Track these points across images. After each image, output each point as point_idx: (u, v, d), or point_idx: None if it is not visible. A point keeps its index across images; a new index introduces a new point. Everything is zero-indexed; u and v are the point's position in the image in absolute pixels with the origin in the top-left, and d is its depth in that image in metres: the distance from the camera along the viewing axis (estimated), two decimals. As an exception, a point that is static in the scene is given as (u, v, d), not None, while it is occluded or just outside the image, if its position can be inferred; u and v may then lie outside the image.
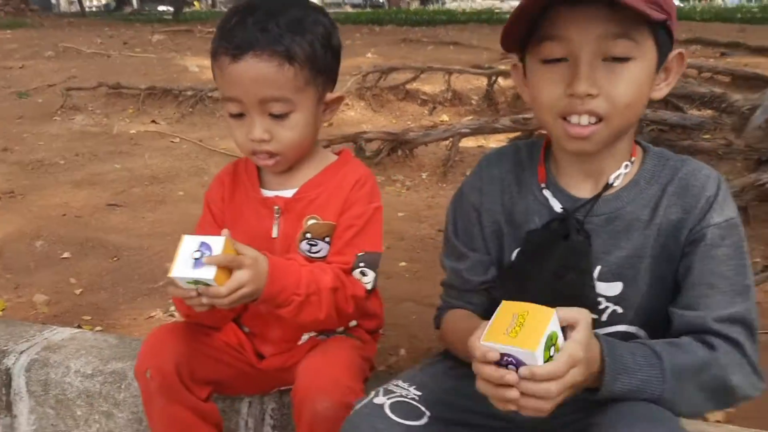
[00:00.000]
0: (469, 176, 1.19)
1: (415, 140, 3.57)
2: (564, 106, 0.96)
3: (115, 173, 3.53)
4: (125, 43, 8.58)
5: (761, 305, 2.15)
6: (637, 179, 1.05)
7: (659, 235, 1.02)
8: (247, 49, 1.13)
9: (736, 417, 1.62)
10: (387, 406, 1.00)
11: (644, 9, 0.89)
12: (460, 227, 1.17)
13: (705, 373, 0.96)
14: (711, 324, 0.98)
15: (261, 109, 1.17)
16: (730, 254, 1.00)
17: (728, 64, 5.46)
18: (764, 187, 2.68)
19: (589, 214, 1.03)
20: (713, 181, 1.02)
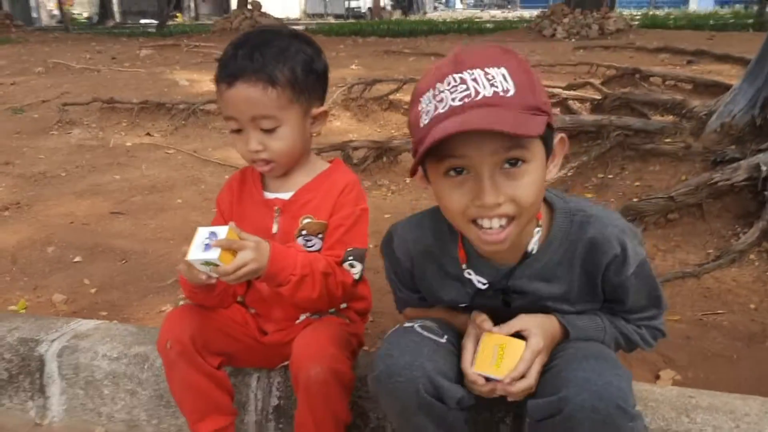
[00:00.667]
0: (397, 242, 1.31)
1: (398, 147, 3.80)
2: (474, 213, 1.05)
3: (115, 183, 3.72)
4: (113, 58, 8.75)
5: (710, 290, 2.44)
6: (551, 240, 1.19)
7: (581, 282, 1.23)
8: (238, 77, 1.36)
9: (682, 383, 1.86)
10: (417, 327, 1.23)
11: (525, 132, 0.97)
12: (401, 275, 1.37)
13: (626, 334, 1.30)
14: (636, 321, 1.30)
15: (253, 125, 1.39)
16: (644, 284, 1.25)
17: (693, 71, 5.76)
18: (716, 185, 2.93)
19: (512, 278, 1.22)
20: (617, 239, 1.16)
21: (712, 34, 10.00)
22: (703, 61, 6.49)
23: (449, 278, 1.27)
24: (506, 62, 1.02)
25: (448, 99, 1.00)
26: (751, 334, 2.12)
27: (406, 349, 1.17)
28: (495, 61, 1.01)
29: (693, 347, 2.04)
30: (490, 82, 0.99)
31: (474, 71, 1.00)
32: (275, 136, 1.41)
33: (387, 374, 1.17)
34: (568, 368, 1.13)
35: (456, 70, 1.01)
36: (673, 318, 2.20)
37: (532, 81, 1.03)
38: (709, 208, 2.95)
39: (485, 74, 0.99)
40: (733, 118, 3.45)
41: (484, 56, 1.02)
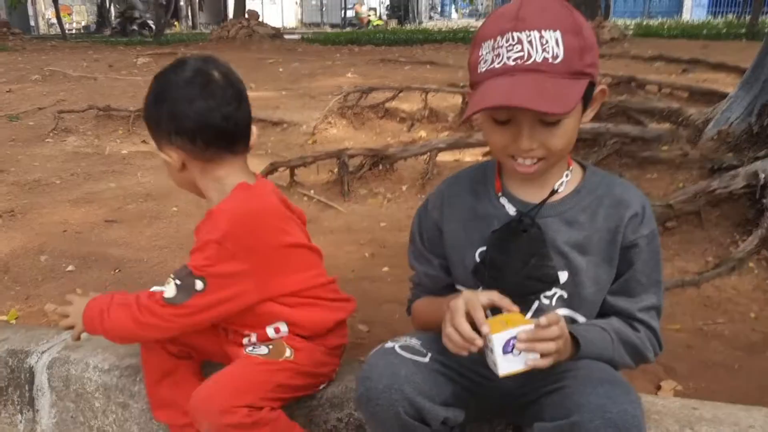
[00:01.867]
0: (432, 195, 1.41)
1: (394, 155, 3.78)
2: (512, 151, 1.18)
3: (110, 191, 3.69)
4: (110, 66, 8.73)
5: (711, 299, 2.42)
6: (578, 189, 1.27)
7: (600, 238, 1.26)
8: None
9: (684, 394, 1.84)
10: (397, 347, 1.22)
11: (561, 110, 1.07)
12: (426, 237, 1.39)
13: (629, 344, 1.27)
14: (636, 313, 1.28)
15: None
16: (651, 257, 1.27)
17: (688, 80, 5.77)
18: (714, 192, 2.92)
19: (539, 215, 1.26)
20: (640, 200, 1.26)
21: (705, 43, 10.05)
22: (698, 70, 6.51)
23: (478, 217, 1.30)
24: (562, 23, 1.10)
25: (504, 56, 1.10)
26: (751, 343, 2.10)
27: (384, 372, 1.15)
28: (552, 22, 1.10)
29: (694, 357, 2.02)
30: (543, 47, 1.08)
31: (531, 33, 1.09)
32: None
33: (366, 398, 1.16)
34: (581, 392, 1.10)
35: (516, 27, 1.10)
36: (673, 327, 2.18)
37: (582, 44, 1.11)
38: (707, 215, 2.94)
39: (540, 37, 1.09)
40: (729, 126, 3.45)
41: (544, 16, 1.10)
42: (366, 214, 3.35)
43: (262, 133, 5.01)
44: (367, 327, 2.14)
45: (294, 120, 5.13)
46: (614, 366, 1.25)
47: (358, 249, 2.84)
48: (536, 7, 1.11)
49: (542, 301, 1.28)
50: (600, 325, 1.25)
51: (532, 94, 1.07)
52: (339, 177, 3.69)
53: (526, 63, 1.09)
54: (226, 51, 10.49)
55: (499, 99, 1.08)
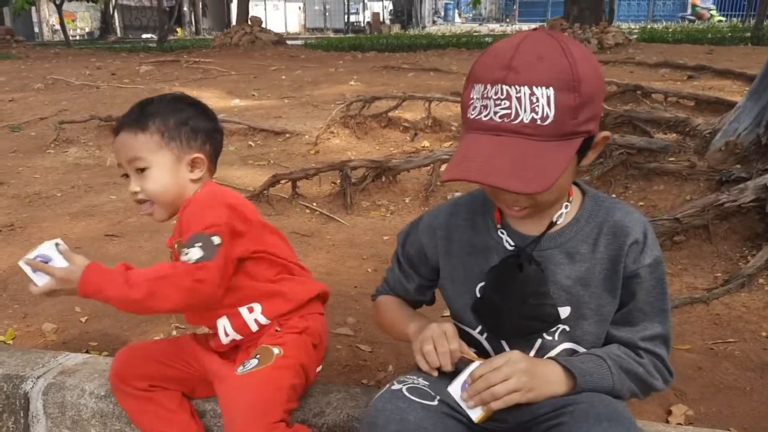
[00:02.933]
0: (427, 220, 1.36)
1: (397, 167, 3.74)
2: (499, 200, 1.19)
3: (110, 204, 3.67)
4: (113, 74, 8.73)
5: (720, 317, 2.37)
6: (578, 217, 1.23)
7: (602, 268, 1.22)
8: (121, 128, 1.54)
9: (695, 419, 1.79)
10: (405, 390, 1.17)
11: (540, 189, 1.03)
12: (409, 254, 1.40)
13: (631, 372, 1.21)
14: (639, 342, 1.23)
15: (131, 169, 1.54)
16: (656, 285, 1.21)
17: (694, 87, 5.73)
18: (723, 206, 2.88)
19: (538, 248, 1.22)
20: (641, 226, 1.21)
21: (710, 48, 9.99)
22: (704, 77, 6.46)
23: (477, 251, 1.27)
24: (558, 78, 1.03)
25: (492, 109, 1.05)
26: (763, 364, 2.05)
27: (391, 418, 1.11)
28: (547, 77, 1.02)
29: (705, 379, 1.97)
30: (532, 105, 1.02)
31: (522, 89, 1.02)
32: (146, 176, 1.51)
33: None
34: (577, 429, 1.06)
35: (506, 79, 1.03)
36: (683, 347, 2.13)
37: (578, 101, 1.04)
38: (715, 229, 2.89)
39: (531, 94, 1.02)
40: (738, 137, 3.40)
41: (539, 68, 1.03)
42: (368, 227, 3.31)
43: (264, 143, 5.00)
44: (369, 347, 2.10)
45: (296, 130, 5.11)
46: (620, 397, 1.19)
47: (361, 264, 2.80)
48: (532, 55, 1.04)
49: (545, 337, 1.23)
50: (596, 354, 1.20)
51: (511, 169, 1.02)
52: (341, 189, 3.65)
53: (513, 123, 1.03)
54: (229, 57, 10.50)
55: (475, 174, 1.04)
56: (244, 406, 1.36)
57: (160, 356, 1.60)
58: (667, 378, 1.26)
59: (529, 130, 1.03)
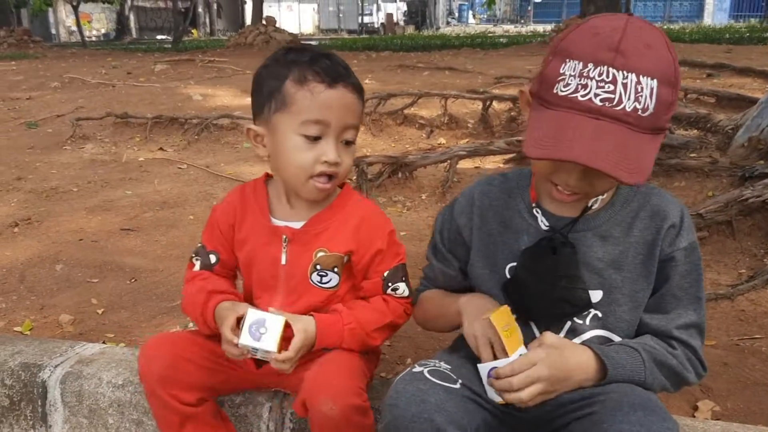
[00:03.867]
0: (462, 199, 1.34)
1: (414, 163, 3.71)
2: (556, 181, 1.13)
3: (126, 199, 3.67)
4: (129, 73, 8.78)
5: (746, 313, 2.32)
6: (613, 201, 1.21)
7: (637, 252, 1.19)
8: (339, 80, 1.29)
9: (722, 415, 1.74)
10: (426, 372, 1.15)
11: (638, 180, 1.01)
12: (446, 237, 1.35)
13: (666, 365, 1.19)
14: (673, 331, 1.20)
15: (339, 135, 1.31)
16: (691, 271, 1.20)
17: (714, 85, 5.65)
18: (747, 201, 2.82)
19: (572, 231, 1.19)
20: (678, 210, 1.20)
21: (729, 47, 9.88)
22: (724, 75, 6.38)
23: (509, 230, 1.25)
24: (663, 71, 1.02)
25: (592, 90, 1.00)
26: (791, 361, 2.00)
27: (412, 400, 1.08)
28: (654, 67, 1.01)
29: (731, 375, 1.92)
30: (636, 95, 0.99)
31: (629, 75, 0.99)
32: (349, 151, 1.34)
33: (394, 427, 1.09)
34: (612, 419, 1.02)
35: (615, 63, 0.99)
36: (708, 343, 2.08)
37: (673, 98, 1.04)
38: (739, 225, 2.84)
39: (637, 83, 0.99)
40: (761, 133, 3.34)
41: (647, 57, 1.01)
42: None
43: (279, 140, 4.99)
44: (388, 342, 2.07)
45: (312, 127, 5.09)
46: (650, 390, 1.16)
47: (378, 259, 2.77)
48: (641, 42, 1.01)
49: (575, 321, 1.20)
50: (631, 345, 1.17)
51: (614, 155, 0.99)
52: (357, 185, 3.63)
53: (615, 108, 1.00)
54: (243, 57, 10.54)
55: (580, 154, 0.99)
56: (337, 363, 1.32)
57: (208, 360, 1.42)
58: (700, 371, 1.23)
59: (630, 119, 1.00)
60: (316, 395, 1.25)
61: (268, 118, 1.33)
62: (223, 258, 1.47)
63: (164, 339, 1.45)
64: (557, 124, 1.02)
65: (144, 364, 1.38)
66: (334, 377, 1.28)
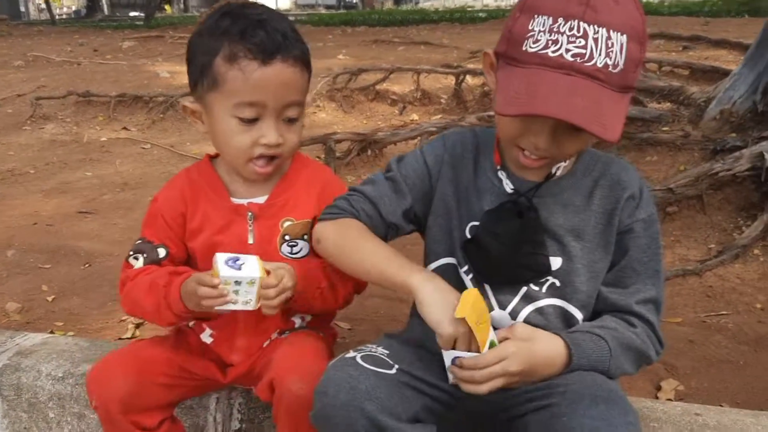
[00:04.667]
0: (431, 144, 1.26)
1: (383, 140, 3.63)
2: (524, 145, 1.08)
3: (85, 181, 3.55)
4: (95, 50, 8.53)
5: (713, 289, 2.28)
6: (574, 170, 1.18)
7: (597, 222, 1.16)
8: (276, 54, 1.17)
9: (686, 394, 1.71)
10: (359, 358, 1.08)
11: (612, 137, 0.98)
12: (408, 174, 1.23)
13: (632, 348, 1.15)
14: (633, 306, 1.16)
15: (279, 114, 1.21)
16: (649, 244, 1.17)
17: (689, 57, 5.60)
18: (717, 175, 2.78)
19: (535, 195, 1.15)
20: (638, 181, 1.18)
21: (707, 20, 9.83)
22: (700, 47, 6.32)
23: (473, 188, 1.20)
24: (632, 27, 0.99)
25: (563, 45, 0.97)
26: (758, 337, 1.97)
27: (341, 387, 1.01)
28: (624, 22, 0.98)
29: (696, 353, 1.89)
30: (607, 50, 0.97)
31: (600, 30, 0.97)
32: (294, 128, 1.24)
33: (322, 416, 1.03)
34: (572, 413, 0.97)
35: (585, 16, 0.97)
36: (674, 320, 2.05)
37: (641, 54, 1.02)
38: (709, 199, 2.80)
39: (608, 38, 0.97)
40: (733, 105, 3.30)
41: (617, 12, 0.98)
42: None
43: (248, 118, 4.87)
44: (349, 324, 2.01)
45: (281, 104, 4.97)
46: (611, 377, 1.12)
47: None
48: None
49: (532, 287, 1.16)
50: (597, 333, 1.13)
51: (590, 111, 0.96)
52: (326, 163, 3.54)
53: (587, 64, 0.97)
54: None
55: (556, 110, 0.97)
56: (301, 344, 1.26)
57: (172, 377, 1.31)
58: (658, 348, 1.20)
59: (601, 75, 0.97)
60: (286, 374, 1.17)
61: (203, 95, 1.24)
62: (173, 252, 1.33)
63: (121, 359, 1.28)
64: (529, 80, 0.99)
65: (98, 390, 1.24)
66: (303, 358, 1.21)
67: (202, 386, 1.39)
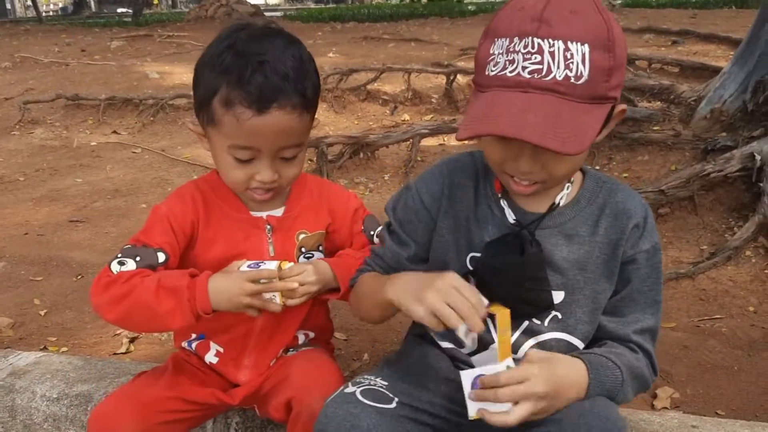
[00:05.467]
0: (429, 176, 1.21)
1: (375, 142, 3.62)
2: (509, 171, 1.05)
3: (76, 188, 3.52)
4: (83, 50, 8.45)
5: (706, 292, 2.29)
6: (578, 198, 1.15)
7: (601, 252, 1.13)
8: (273, 102, 1.14)
9: (682, 402, 1.72)
10: (358, 393, 1.06)
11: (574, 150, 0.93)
12: (405, 218, 1.21)
13: (639, 377, 1.15)
14: (631, 336, 1.15)
15: (274, 155, 1.21)
16: (650, 273, 1.15)
17: (678, 53, 5.61)
18: (709, 176, 2.79)
19: (538, 227, 1.12)
20: (643, 209, 1.15)
21: (694, 12, 9.86)
22: (689, 41, 6.35)
23: (475, 217, 1.17)
24: (593, 35, 0.95)
25: (519, 64, 0.95)
26: (751, 341, 1.98)
27: (342, 425, 1.00)
28: (582, 32, 0.94)
29: (691, 359, 1.90)
30: (566, 62, 0.93)
31: (555, 43, 0.93)
32: (293, 163, 1.25)
33: None
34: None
35: (538, 32, 0.94)
36: (668, 325, 2.06)
37: (611, 63, 0.96)
38: (701, 200, 2.81)
39: (565, 50, 0.93)
40: (723, 104, 3.30)
41: (573, 22, 0.94)
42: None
43: (239, 120, 4.84)
44: (344, 335, 2.01)
45: (272, 105, 4.94)
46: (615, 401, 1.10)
47: (337, 245, 2.69)
48: (566, 8, 0.94)
49: (533, 321, 1.14)
50: (612, 360, 1.09)
51: (545, 125, 0.92)
52: (318, 167, 3.53)
53: (544, 79, 0.94)
54: (204, 31, 10.21)
55: (506, 127, 0.93)
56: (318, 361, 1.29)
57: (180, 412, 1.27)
58: (653, 377, 1.20)
59: (562, 88, 0.94)
60: (308, 392, 1.17)
61: (204, 125, 1.24)
62: (171, 259, 1.25)
63: (124, 403, 1.22)
64: (487, 102, 0.98)
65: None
66: (323, 374, 1.23)
67: (211, 414, 1.38)
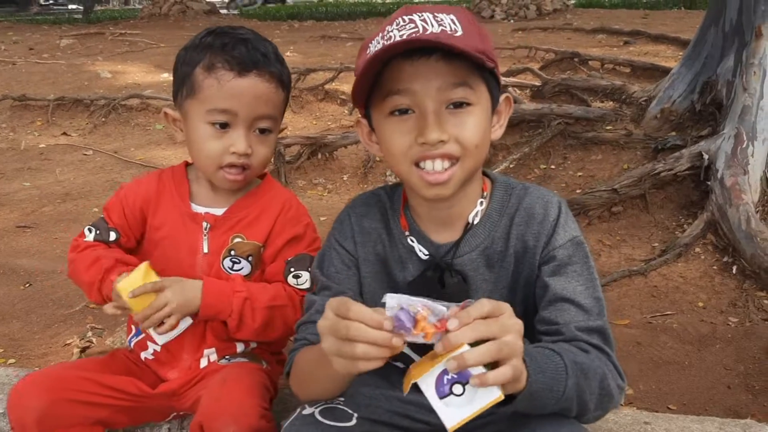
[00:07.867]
0: (338, 228, 1.17)
1: (334, 143, 3.60)
2: (417, 153, 0.99)
3: (24, 192, 3.40)
4: (31, 48, 8.18)
5: (658, 289, 2.35)
6: (490, 213, 1.10)
7: (516, 263, 1.08)
8: (253, 68, 1.24)
9: (635, 398, 1.76)
10: (317, 413, 1.03)
11: (478, 56, 0.95)
12: (335, 271, 1.15)
13: (590, 370, 0.97)
14: (575, 332, 1.02)
15: (250, 124, 1.26)
16: (579, 271, 1.05)
17: (629, 53, 5.75)
18: (659, 175, 2.87)
19: (456, 255, 1.08)
20: (554, 206, 1.08)
21: (646, 12, 10.13)
22: (640, 42, 6.51)
23: (392, 260, 1.12)
24: (456, 12, 1.01)
25: (396, 36, 0.96)
26: (701, 336, 2.04)
27: None
28: (445, 10, 1.00)
29: (644, 355, 1.95)
30: (438, 22, 0.97)
31: (423, 14, 0.98)
32: (266, 141, 1.29)
33: None
34: None
35: (407, 12, 0.99)
36: (622, 322, 2.11)
37: (480, 29, 1.01)
38: (652, 199, 2.89)
39: (434, 17, 0.98)
40: (672, 104, 3.40)
41: (434, 7, 1.01)
42: (304, 208, 3.17)
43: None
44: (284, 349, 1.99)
45: (228, 105, 4.87)
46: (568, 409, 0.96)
47: (295, 248, 2.67)
48: (428, 7, 1.01)
49: None
50: (550, 348, 0.96)
51: (440, 36, 0.95)
52: (275, 168, 3.49)
53: (424, 34, 0.95)
54: (158, 29, 10.02)
55: (403, 43, 0.94)
56: (234, 382, 1.22)
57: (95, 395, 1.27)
58: (619, 381, 1.03)
59: (442, 37, 0.96)
60: (215, 418, 1.15)
61: (182, 103, 1.30)
62: (122, 239, 1.36)
63: (37, 379, 1.26)
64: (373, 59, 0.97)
65: (14, 412, 1.22)
66: (234, 397, 1.18)
67: (135, 408, 1.33)
